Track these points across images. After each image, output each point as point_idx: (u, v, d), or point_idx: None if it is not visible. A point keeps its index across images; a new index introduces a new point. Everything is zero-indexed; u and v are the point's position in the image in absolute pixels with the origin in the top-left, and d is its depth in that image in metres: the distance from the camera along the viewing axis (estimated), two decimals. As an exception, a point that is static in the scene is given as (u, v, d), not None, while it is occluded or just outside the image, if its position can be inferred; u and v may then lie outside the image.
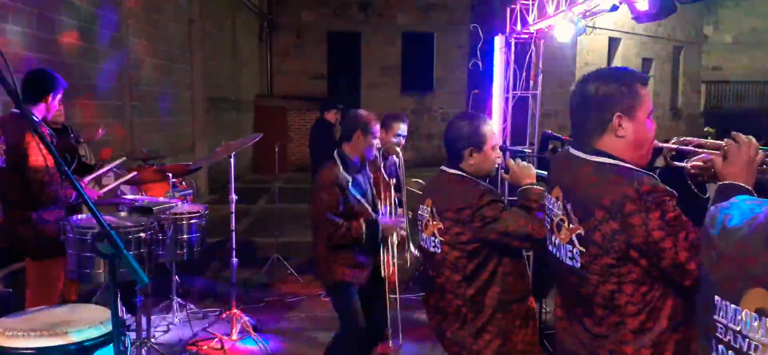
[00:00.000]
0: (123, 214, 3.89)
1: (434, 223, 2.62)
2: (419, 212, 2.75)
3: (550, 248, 2.05)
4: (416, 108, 18.45)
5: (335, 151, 3.69)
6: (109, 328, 2.19)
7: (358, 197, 3.62)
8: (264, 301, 5.79)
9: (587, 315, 1.92)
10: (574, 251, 1.89)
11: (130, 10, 8.69)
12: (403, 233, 4.00)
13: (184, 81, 11.37)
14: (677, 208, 1.76)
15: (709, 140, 2.02)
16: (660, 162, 2.11)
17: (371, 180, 3.88)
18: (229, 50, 14.68)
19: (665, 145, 2.05)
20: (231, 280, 4.87)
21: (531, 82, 5.64)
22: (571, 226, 1.90)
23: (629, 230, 1.75)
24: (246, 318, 4.85)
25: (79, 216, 3.82)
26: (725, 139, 1.91)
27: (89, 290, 5.23)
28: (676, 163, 2.07)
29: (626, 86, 1.89)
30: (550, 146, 11.35)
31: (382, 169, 4.40)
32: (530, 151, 5.32)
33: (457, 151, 2.65)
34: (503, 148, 5.74)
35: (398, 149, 4.45)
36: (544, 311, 5.19)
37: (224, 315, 4.87)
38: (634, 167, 1.83)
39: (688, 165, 2.04)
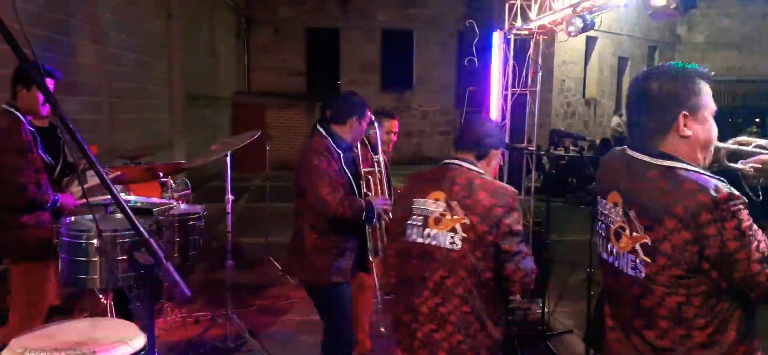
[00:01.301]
0: (119, 216, 3.67)
1: (456, 217, 2.41)
2: (420, 206, 2.52)
3: (605, 255, 1.93)
4: (396, 106, 18.31)
5: (321, 128, 3.47)
6: (138, 346, 2.00)
7: (349, 174, 3.43)
8: (256, 304, 5.61)
9: (649, 328, 1.80)
10: (637, 260, 1.77)
11: (108, 3, 8.39)
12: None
13: (162, 77, 11.07)
14: (750, 216, 1.67)
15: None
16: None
17: (358, 159, 3.65)
18: (207, 46, 14.38)
19: (723, 145, 1.96)
20: (225, 283, 4.68)
21: (529, 79, 5.55)
22: (634, 234, 1.78)
23: (703, 240, 1.64)
24: (241, 323, 4.67)
25: (70, 219, 3.61)
26: None
27: (71, 293, 4.98)
28: (732, 164, 1.99)
29: (691, 84, 1.78)
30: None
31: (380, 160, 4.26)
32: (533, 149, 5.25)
33: (487, 149, 2.55)
34: (504, 146, 5.67)
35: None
36: (546, 312, 5.12)
37: (219, 319, 4.68)
38: (705, 172, 1.73)
39: (746, 167, 1.96)
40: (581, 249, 5.98)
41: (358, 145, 3.72)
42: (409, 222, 2.53)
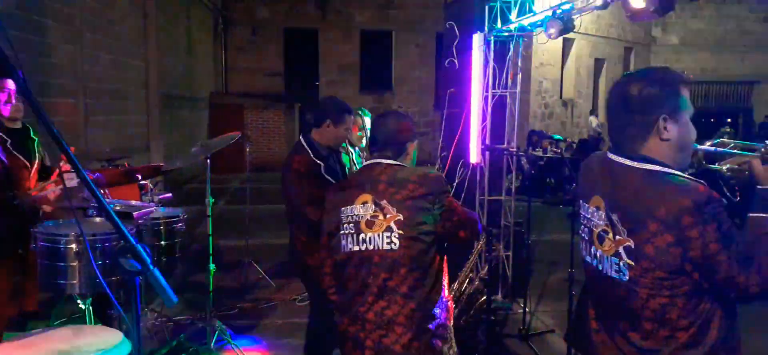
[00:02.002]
0: (97, 219, 3.62)
1: (389, 216, 2.36)
2: (349, 213, 2.45)
3: (588, 258, 1.95)
4: (375, 107, 18.33)
5: (301, 137, 3.48)
6: (123, 353, 1.97)
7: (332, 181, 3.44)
8: (237, 307, 5.57)
9: (633, 329, 1.83)
10: (621, 263, 1.80)
11: (84, 2, 8.27)
12: None
13: (139, 77, 10.95)
14: (728, 218, 1.70)
15: (746, 143, 1.98)
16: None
17: (341, 166, 3.66)
18: (184, 46, 14.24)
19: (701, 147, 1.99)
20: (206, 286, 4.63)
21: (509, 81, 5.59)
22: (617, 238, 1.80)
23: (686, 243, 1.67)
24: (223, 326, 4.63)
25: (49, 222, 3.54)
26: (766, 142, 1.88)
27: (46, 299, 4.89)
28: (710, 165, 2.03)
29: (670, 87, 1.81)
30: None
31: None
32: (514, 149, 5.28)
33: (402, 144, 2.54)
34: (485, 147, 5.70)
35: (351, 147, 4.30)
36: (527, 312, 5.16)
37: (200, 323, 4.64)
38: (687, 175, 1.75)
39: (724, 168, 2.00)
40: (561, 249, 6.04)
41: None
42: (341, 233, 2.47)
